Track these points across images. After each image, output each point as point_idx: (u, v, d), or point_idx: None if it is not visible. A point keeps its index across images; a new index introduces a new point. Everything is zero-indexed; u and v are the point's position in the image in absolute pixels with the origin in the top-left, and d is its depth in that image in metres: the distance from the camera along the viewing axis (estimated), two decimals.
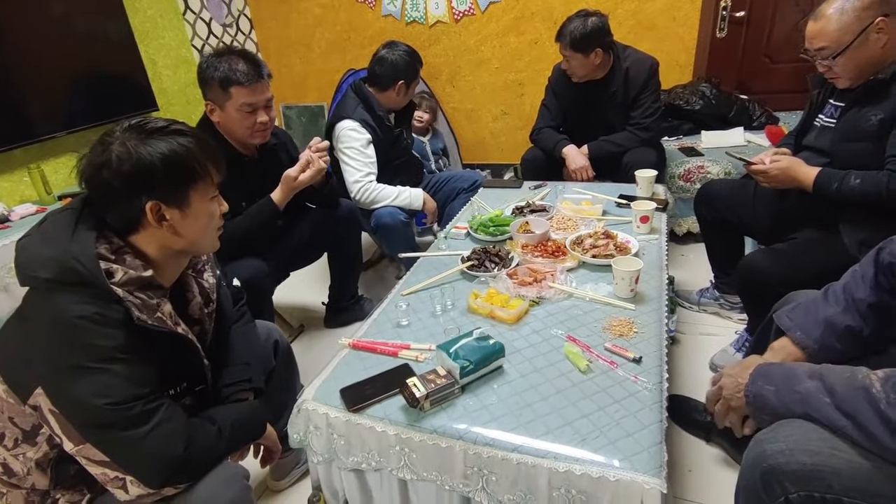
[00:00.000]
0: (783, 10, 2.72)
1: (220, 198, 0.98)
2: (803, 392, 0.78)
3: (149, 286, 0.88)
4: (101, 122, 2.61)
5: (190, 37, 3.17)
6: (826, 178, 1.37)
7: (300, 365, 1.49)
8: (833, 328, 0.92)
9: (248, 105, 1.51)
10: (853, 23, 1.30)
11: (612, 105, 2.16)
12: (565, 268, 1.43)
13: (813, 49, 1.37)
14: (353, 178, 2.02)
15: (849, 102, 1.41)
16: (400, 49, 2.04)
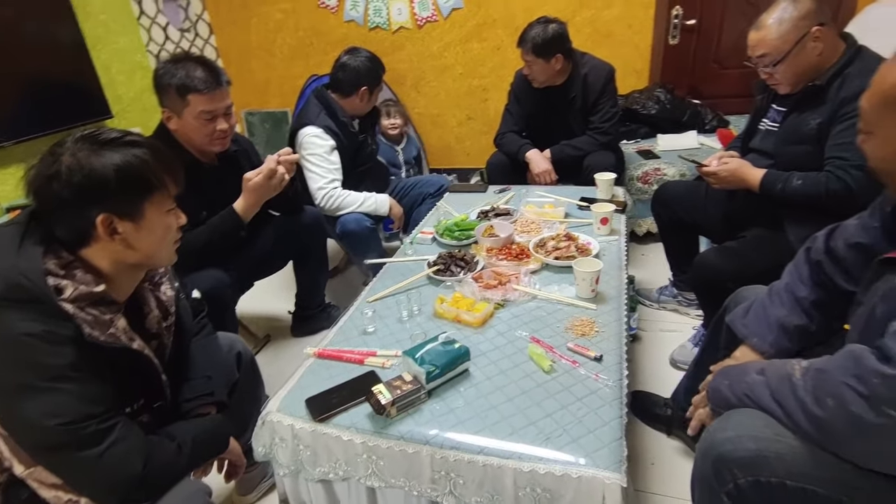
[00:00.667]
0: (731, 17, 2.85)
1: (177, 210, 0.96)
2: (750, 383, 0.83)
3: (101, 301, 0.85)
4: (51, 132, 2.49)
5: (145, 42, 3.08)
6: (771, 179, 1.45)
7: (267, 376, 1.47)
8: (785, 330, 0.99)
9: (206, 113, 1.48)
10: (791, 32, 1.38)
11: (572, 110, 2.22)
12: (529, 270, 1.46)
13: (755, 57, 1.45)
14: (317, 184, 2.00)
15: (790, 107, 1.50)
16: (362, 55, 2.04)
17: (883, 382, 0.67)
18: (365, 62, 2.03)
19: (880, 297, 0.79)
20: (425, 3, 3.11)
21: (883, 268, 0.82)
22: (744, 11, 2.79)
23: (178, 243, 0.98)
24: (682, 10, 2.87)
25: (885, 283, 0.80)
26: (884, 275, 0.82)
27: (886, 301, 0.78)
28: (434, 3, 3.10)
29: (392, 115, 2.81)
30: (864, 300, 0.85)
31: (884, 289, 0.79)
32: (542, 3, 2.96)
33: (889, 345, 0.69)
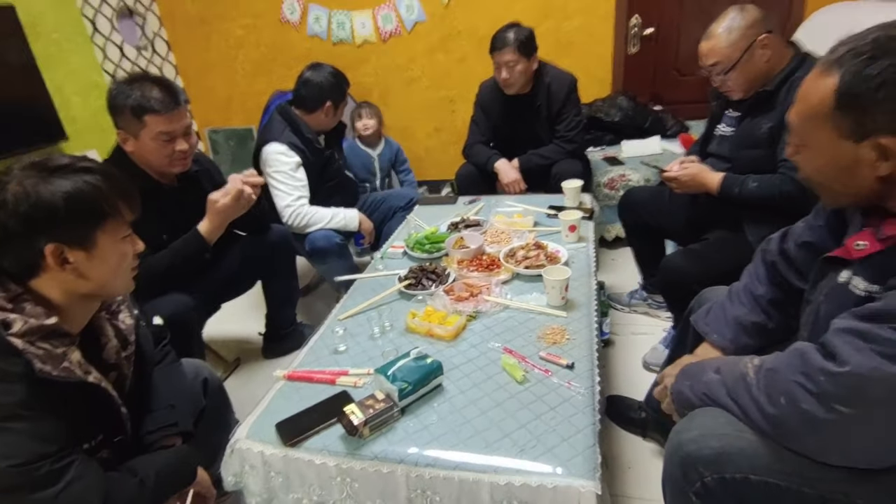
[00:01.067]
0: (687, 26, 2.96)
1: (133, 237, 0.93)
2: (707, 382, 0.86)
3: (53, 335, 0.81)
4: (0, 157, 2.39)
5: (100, 61, 3.00)
6: (729, 183, 1.50)
7: (239, 401, 1.43)
8: (743, 327, 1.02)
9: (164, 134, 1.44)
10: (740, 40, 1.43)
11: (538, 119, 2.25)
12: (500, 280, 1.47)
13: (707, 65, 1.50)
14: (283, 202, 1.97)
15: (743, 113, 1.56)
16: (325, 71, 2.03)
17: (828, 379, 0.70)
18: (328, 77, 2.01)
19: (825, 295, 0.83)
20: (389, 17, 3.13)
21: (826, 266, 0.85)
22: (699, 20, 2.85)
23: (135, 270, 0.95)
24: (640, 19, 2.96)
25: (828, 281, 0.83)
26: (827, 273, 0.85)
27: (829, 299, 0.81)
28: (398, 17, 3.12)
29: (364, 116, 2.74)
30: (812, 298, 0.89)
31: (827, 287, 0.82)
32: (504, 14, 2.98)
33: (831, 341, 0.71)
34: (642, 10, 2.95)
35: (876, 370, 0.67)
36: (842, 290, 0.79)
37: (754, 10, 1.44)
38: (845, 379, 0.69)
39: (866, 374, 0.67)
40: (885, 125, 0.70)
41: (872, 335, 0.68)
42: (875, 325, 0.68)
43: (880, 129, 0.70)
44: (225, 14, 3.30)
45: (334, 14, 3.17)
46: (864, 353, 0.68)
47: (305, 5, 3.18)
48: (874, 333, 0.68)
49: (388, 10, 3.11)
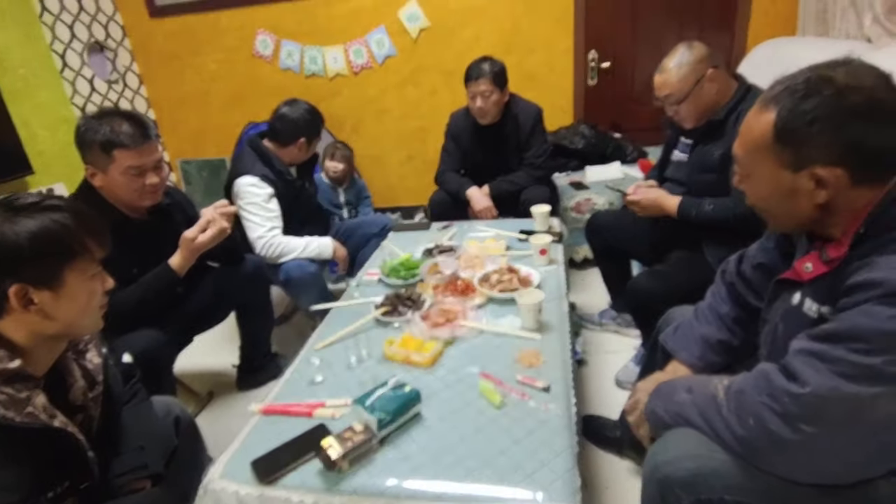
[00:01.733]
0: (641, 60, 3.13)
1: (103, 274, 0.92)
2: (679, 402, 0.89)
3: (16, 378, 0.79)
4: None
5: (70, 95, 2.96)
6: (686, 206, 1.58)
7: (213, 437, 1.39)
8: (709, 344, 1.06)
9: (134, 168, 1.43)
10: (690, 74, 1.54)
11: (507, 147, 2.33)
12: (475, 305, 1.49)
13: (661, 96, 1.60)
14: (255, 233, 1.97)
15: (695, 140, 1.65)
16: (301, 107, 2.06)
17: (792, 401, 0.73)
18: (304, 114, 2.04)
19: (780, 316, 0.88)
20: (360, 52, 3.21)
21: (779, 287, 0.91)
22: (651, 55, 3.07)
23: (104, 308, 0.93)
24: (597, 54, 3.12)
25: (783, 302, 0.89)
26: (781, 294, 0.90)
27: (786, 321, 0.86)
28: (369, 52, 3.20)
29: (336, 159, 2.79)
30: (768, 318, 0.94)
31: (782, 308, 0.87)
32: (470, 50, 3.11)
33: (792, 363, 0.75)
34: (599, 46, 3.11)
35: (835, 390, 0.70)
36: (796, 312, 0.84)
37: (701, 46, 1.55)
38: (807, 399, 0.72)
39: (826, 394, 0.70)
40: (819, 156, 0.76)
41: (829, 356, 0.72)
42: (830, 345, 0.72)
43: (816, 160, 0.76)
44: (198, 49, 3.33)
45: (307, 49, 3.23)
46: (822, 374, 0.71)
47: (278, 41, 3.24)
48: (830, 354, 0.72)
49: (359, 45, 3.19)
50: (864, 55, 0.78)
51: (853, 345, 0.70)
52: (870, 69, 0.74)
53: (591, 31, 3.05)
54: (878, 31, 1.95)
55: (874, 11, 1.95)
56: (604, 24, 3.05)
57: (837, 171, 0.75)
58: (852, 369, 0.70)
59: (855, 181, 0.75)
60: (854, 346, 0.70)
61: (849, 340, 0.70)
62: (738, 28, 2.91)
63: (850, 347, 0.70)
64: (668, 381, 0.99)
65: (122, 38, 3.32)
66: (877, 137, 0.72)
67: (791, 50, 2.46)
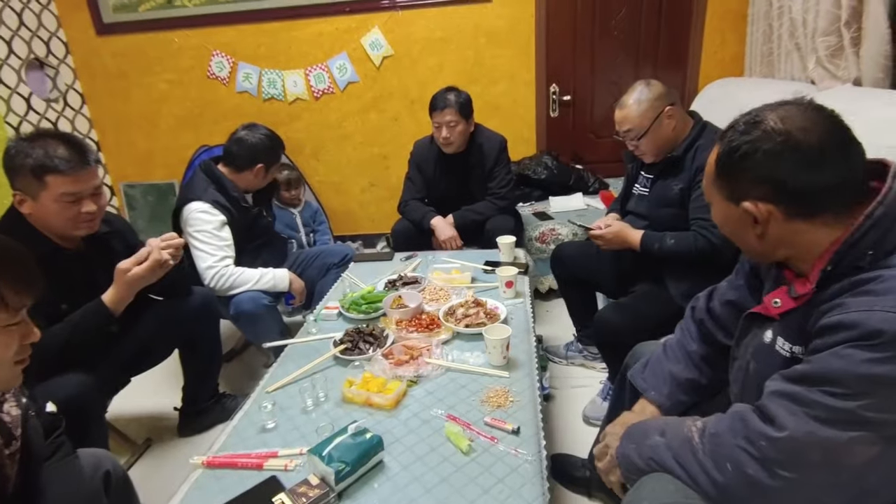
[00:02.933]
0: (600, 94, 3.24)
1: (24, 325, 0.80)
2: (653, 446, 0.85)
3: None
4: None
5: (4, 113, 2.75)
6: (648, 240, 1.60)
7: (149, 491, 1.25)
8: (678, 383, 1.04)
9: (69, 195, 1.31)
10: (649, 111, 1.58)
11: (471, 177, 2.32)
12: (440, 341, 1.43)
13: (622, 131, 1.63)
14: (205, 263, 1.84)
15: (655, 175, 1.69)
16: (260, 132, 1.97)
17: (769, 445, 0.71)
18: (263, 140, 1.96)
19: (751, 353, 0.86)
20: (321, 77, 3.17)
21: (749, 323, 0.90)
22: (609, 90, 3.18)
23: (24, 363, 0.81)
24: (558, 87, 3.21)
25: (753, 338, 0.88)
26: (751, 330, 0.90)
27: (757, 358, 0.85)
28: (330, 77, 3.17)
29: (293, 187, 2.73)
30: (738, 355, 0.93)
31: (753, 345, 0.87)
32: (434, 78, 3.14)
33: (767, 406, 0.74)
34: (559, 79, 3.20)
35: (811, 434, 0.68)
36: (768, 349, 0.83)
37: (658, 84, 1.60)
38: (784, 444, 0.70)
39: (802, 438, 0.69)
40: (749, 191, 0.78)
41: (804, 399, 0.70)
42: (805, 387, 0.71)
43: (747, 195, 0.79)
44: (148, 69, 3.19)
45: (265, 73, 3.16)
46: (798, 417, 0.70)
47: (235, 63, 3.15)
48: (805, 397, 0.70)
49: (320, 70, 3.15)
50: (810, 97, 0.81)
51: (828, 388, 0.69)
52: (804, 112, 0.76)
53: (551, 64, 3.14)
54: (822, 73, 2.08)
55: (817, 55, 2.08)
56: (564, 58, 3.14)
57: (768, 206, 0.77)
58: (828, 413, 0.68)
59: (788, 216, 0.77)
60: (829, 389, 0.69)
61: (824, 384, 0.69)
62: (691, 67, 3.07)
63: (826, 391, 0.69)
64: (639, 422, 0.96)
65: (65, 56, 3.15)
66: (797, 179, 0.74)
67: (739, 90, 2.60)
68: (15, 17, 2.82)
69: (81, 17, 3.09)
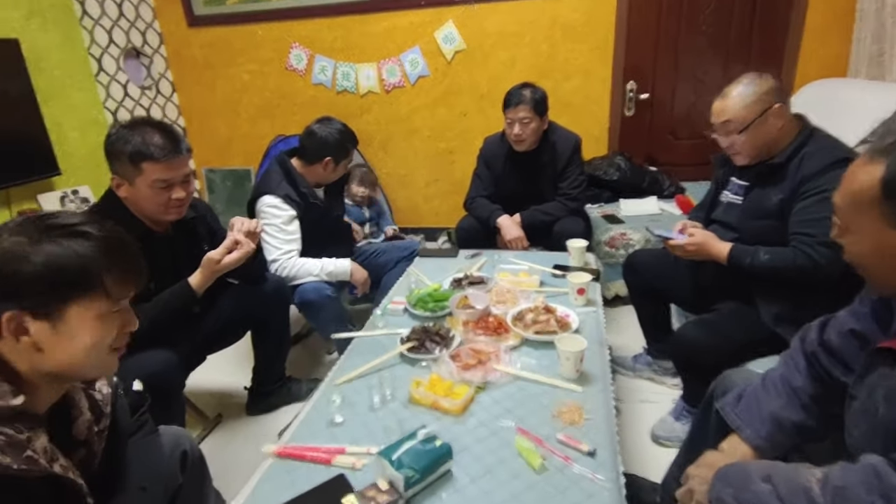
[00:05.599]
0: (681, 93, 3.04)
1: (124, 314, 0.81)
2: (757, 493, 0.77)
3: (18, 417, 0.71)
4: None
5: (103, 99, 2.97)
6: (738, 254, 1.46)
7: (218, 465, 1.29)
8: (780, 425, 0.94)
9: (162, 181, 1.37)
10: (756, 104, 1.43)
11: (542, 176, 2.25)
12: (509, 346, 1.39)
13: (718, 123, 1.49)
14: (271, 256, 1.89)
15: (751, 182, 1.54)
16: (333, 126, 2.00)
17: None
18: (334, 134, 1.98)
19: (883, 397, 0.75)
20: (393, 70, 3.18)
21: (877, 359, 0.79)
22: (693, 88, 2.99)
23: (120, 351, 0.83)
24: (635, 85, 3.05)
25: (882, 378, 0.77)
26: (878, 367, 0.78)
27: (891, 403, 0.74)
28: (402, 71, 3.17)
29: (361, 183, 2.79)
30: (858, 394, 0.82)
31: (885, 388, 0.75)
32: (505, 73, 3.07)
33: None
34: (638, 77, 3.04)
35: None
36: None
37: (770, 78, 1.45)
38: None
39: None
40: None
41: None
42: None
43: None
44: (232, 60, 3.34)
45: (340, 66, 3.22)
46: None
47: (312, 56, 3.23)
48: None
49: (393, 63, 3.17)
50: None
51: None
52: None
53: (630, 61, 2.98)
54: None
55: None
56: (645, 55, 2.98)
57: None
58: None
59: None
60: None
61: None
62: (787, 66, 2.82)
63: None
64: (735, 464, 0.87)
65: (159, 46, 3.35)
66: None
67: (843, 92, 2.35)
68: (115, 9, 3.03)
69: (175, 10, 3.27)
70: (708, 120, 1.54)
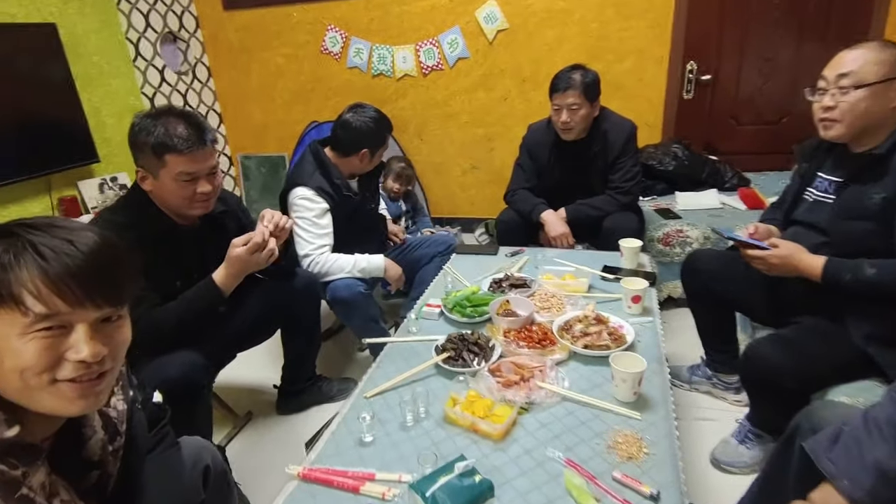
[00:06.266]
0: (747, 74, 2.77)
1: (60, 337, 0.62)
2: None
3: (13, 450, 0.63)
4: (29, 176, 2.33)
5: (140, 84, 2.96)
6: (836, 269, 1.25)
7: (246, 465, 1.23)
8: (886, 477, 0.77)
9: (186, 175, 1.29)
10: (881, 66, 1.21)
11: (591, 167, 2.07)
12: (555, 361, 1.26)
13: (833, 76, 1.26)
14: (303, 251, 1.81)
15: (846, 178, 1.33)
16: (367, 114, 1.88)
17: None
18: (368, 122, 1.86)
19: None
20: (431, 53, 3.03)
21: None
22: (760, 69, 2.70)
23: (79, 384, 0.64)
24: (696, 65, 2.79)
25: None
26: None
27: None
28: (440, 53, 3.02)
29: (398, 180, 2.70)
30: None
31: None
32: (550, 55, 2.88)
33: None
34: (699, 56, 2.78)
35: None
36: None
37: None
38: None
39: None
40: None
41: None
42: None
43: None
44: (267, 43, 3.27)
45: (376, 48, 3.09)
46: None
47: (348, 38, 3.11)
48: None
49: (431, 45, 3.02)
50: None
51: None
52: None
53: (691, 38, 2.72)
54: None
55: None
56: (707, 31, 2.71)
57: None
58: None
59: None
60: None
61: None
62: None
63: None
64: None
65: (196, 30, 3.31)
66: None
67: None
68: None
69: None
70: (778, 103, 1.33)
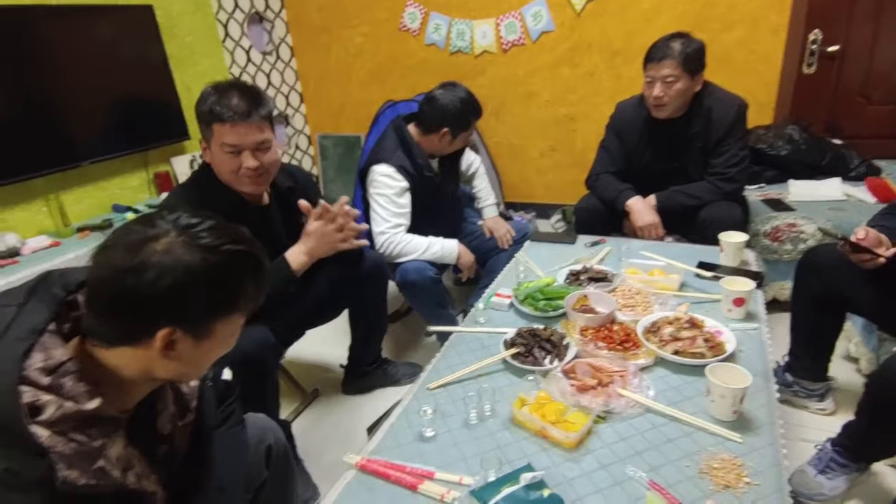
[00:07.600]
0: (883, 45, 2.35)
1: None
2: None
3: (92, 422, 0.63)
4: (128, 152, 2.51)
5: (228, 64, 3.08)
6: None
7: (309, 442, 1.23)
8: None
9: (229, 146, 1.27)
10: None
11: (690, 149, 1.84)
12: (638, 366, 1.12)
13: None
14: (379, 228, 1.78)
15: None
16: (456, 94, 1.79)
17: None
18: (456, 102, 1.78)
19: None
20: (513, 26, 2.87)
21: None
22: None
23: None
24: (821, 34, 2.40)
25: None
26: None
27: None
28: (523, 26, 2.85)
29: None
30: None
31: None
32: (646, 27, 2.61)
33: None
34: (825, 24, 2.39)
35: None
36: None
37: None
38: None
39: None
40: None
41: None
42: None
43: None
44: (346, 22, 3.27)
45: (455, 23, 2.98)
46: None
47: (427, 13, 3.03)
48: None
49: (513, 18, 2.86)
50: None
51: None
52: None
53: (816, 3, 2.35)
54: None
55: None
56: None
57: None
58: None
59: None
60: None
61: None
62: None
63: None
64: None
65: (280, 10, 3.38)
66: None
67: None
68: None
69: None
70: None
